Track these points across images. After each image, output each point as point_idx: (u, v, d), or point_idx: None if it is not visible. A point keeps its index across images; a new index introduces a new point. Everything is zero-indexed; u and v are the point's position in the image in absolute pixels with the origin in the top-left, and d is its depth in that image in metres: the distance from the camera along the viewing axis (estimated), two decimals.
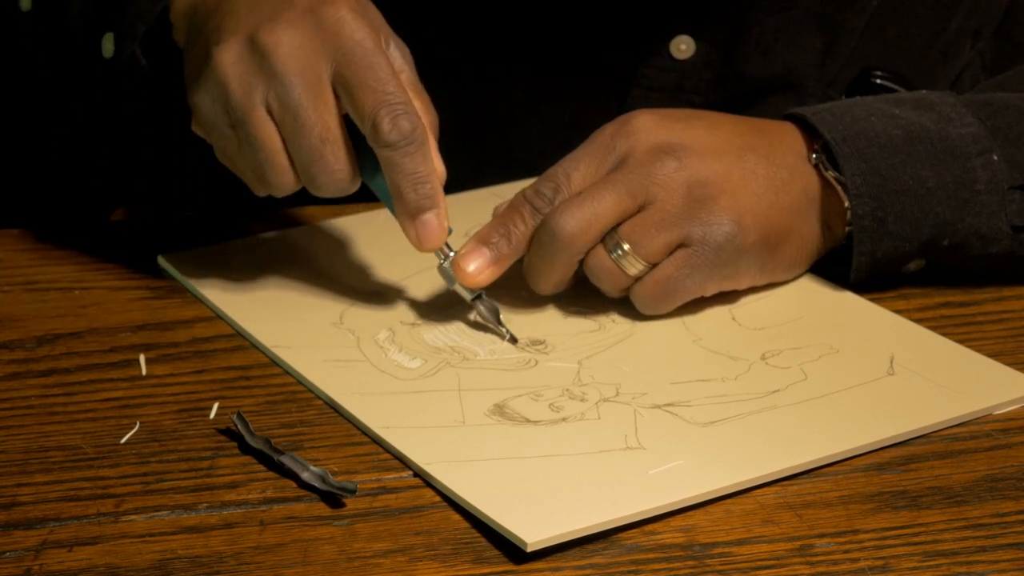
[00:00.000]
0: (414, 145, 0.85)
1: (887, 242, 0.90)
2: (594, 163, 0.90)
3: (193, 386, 0.84)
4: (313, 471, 0.75)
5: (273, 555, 0.70)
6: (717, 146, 0.90)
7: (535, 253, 0.89)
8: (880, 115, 0.92)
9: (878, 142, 0.90)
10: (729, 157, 0.90)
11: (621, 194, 0.88)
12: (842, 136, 0.91)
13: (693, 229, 0.88)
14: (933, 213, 0.90)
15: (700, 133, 0.90)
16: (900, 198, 0.90)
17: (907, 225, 0.90)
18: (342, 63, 0.84)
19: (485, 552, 0.70)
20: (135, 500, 0.74)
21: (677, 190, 0.88)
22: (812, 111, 0.93)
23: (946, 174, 0.90)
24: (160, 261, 0.97)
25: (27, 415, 0.81)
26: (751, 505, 0.74)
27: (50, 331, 0.89)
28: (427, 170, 0.86)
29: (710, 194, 0.88)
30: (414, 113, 0.85)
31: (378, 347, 0.87)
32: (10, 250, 0.99)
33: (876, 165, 0.90)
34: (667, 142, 0.89)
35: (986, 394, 0.82)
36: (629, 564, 0.70)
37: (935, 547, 0.71)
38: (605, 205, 0.87)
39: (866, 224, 0.90)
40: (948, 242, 0.91)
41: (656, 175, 0.88)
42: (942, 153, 0.91)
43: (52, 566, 0.69)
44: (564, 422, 0.79)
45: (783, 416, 0.80)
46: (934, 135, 0.91)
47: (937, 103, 0.93)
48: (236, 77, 0.84)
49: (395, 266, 0.95)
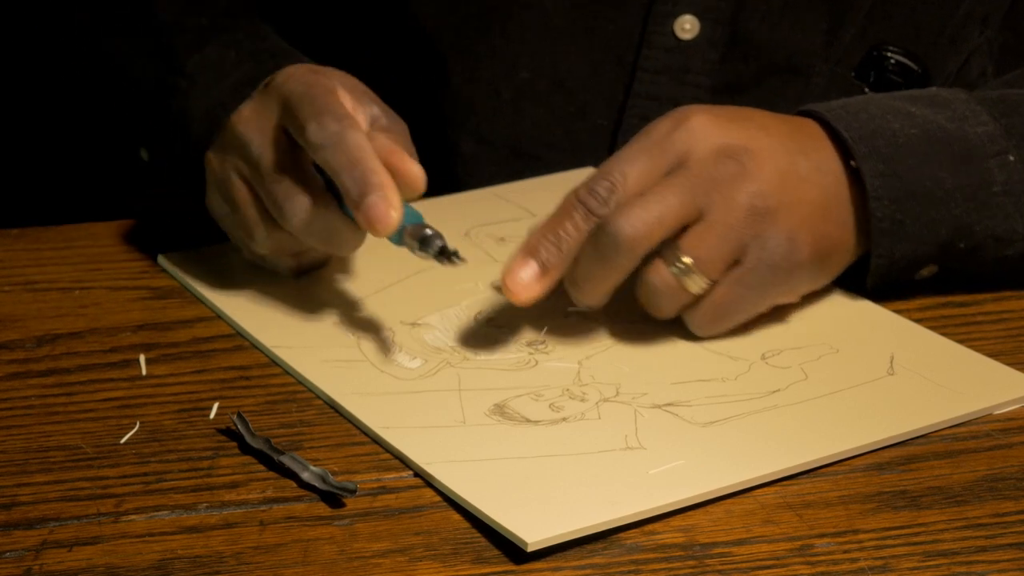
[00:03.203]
0: (347, 141, 0.84)
1: (905, 245, 0.89)
2: (651, 161, 0.85)
3: (193, 386, 0.84)
4: (313, 471, 0.75)
5: (273, 555, 0.70)
6: (772, 150, 0.86)
7: (590, 259, 0.84)
8: (896, 113, 0.90)
9: (895, 142, 0.89)
10: (784, 162, 0.86)
11: (685, 198, 0.83)
12: (859, 135, 0.88)
13: (751, 246, 0.84)
14: (950, 215, 0.89)
15: (756, 135, 0.87)
16: (918, 200, 0.88)
17: (925, 227, 0.89)
18: (285, 103, 0.88)
19: (485, 552, 0.70)
20: (135, 500, 0.74)
21: (739, 200, 0.84)
22: (827, 108, 0.90)
23: (963, 175, 0.89)
24: (160, 261, 0.97)
25: (27, 415, 0.81)
26: (751, 505, 0.74)
27: (50, 331, 0.89)
28: (361, 157, 0.84)
29: (770, 207, 0.85)
30: (345, 116, 0.85)
31: (378, 347, 0.87)
32: (10, 250, 0.99)
33: (895, 166, 0.88)
34: (728, 144, 0.85)
35: (986, 394, 0.82)
36: (629, 564, 0.70)
37: (935, 547, 0.71)
38: (670, 209, 0.83)
39: (885, 227, 0.88)
40: (964, 244, 0.90)
41: (719, 180, 0.84)
42: (958, 153, 0.89)
43: (52, 566, 0.69)
44: (564, 422, 0.79)
45: (783, 416, 0.80)
46: (951, 135, 0.90)
47: (951, 100, 0.92)
48: (215, 160, 0.92)
49: (395, 266, 0.95)
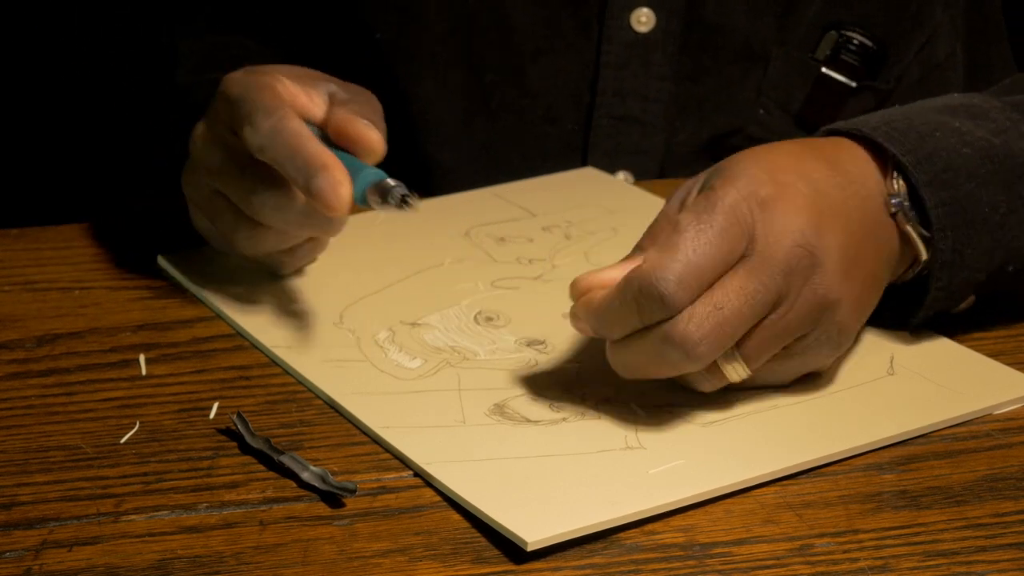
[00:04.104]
0: (282, 132, 0.83)
1: (963, 274, 0.84)
2: (718, 254, 0.76)
3: (193, 386, 0.84)
4: (313, 471, 0.75)
5: (273, 555, 0.70)
6: (830, 223, 0.78)
7: (647, 356, 0.77)
8: (945, 131, 0.84)
9: (952, 166, 0.83)
10: (841, 236, 0.79)
11: (757, 309, 0.76)
12: (916, 159, 0.82)
13: (808, 337, 0.79)
14: (1007, 239, 0.85)
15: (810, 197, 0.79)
16: (978, 228, 0.83)
17: (984, 255, 0.84)
18: (228, 108, 0.88)
19: (485, 552, 0.70)
20: (135, 500, 0.74)
21: (806, 296, 0.78)
22: (872, 128, 0.84)
23: (1015, 198, 0.85)
24: (160, 261, 0.97)
25: (27, 415, 0.81)
26: (751, 505, 0.74)
27: (50, 331, 0.89)
28: (299, 144, 0.83)
29: (833, 301, 0.78)
30: (277, 108, 0.84)
31: (378, 347, 0.87)
32: (10, 250, 0.99)
33: (956, 194, 0.83)
34: (804, 242, 0.77)
35: (986, 394, 0.82)
36: (629, 564, 0.70)
37: (935, 547, 0.71)
38: (743, 321, 0.76)
39: (946, 259, 0.83)
40: (1013, 267, 0.86)
41: (792, 282, 0.77)
42: (1007, 173, 0.85)
43: (52, 566, 0.69)
44: (564, 422, 0.79)
45: (783, 416, 0.80)
46: (1000, 153, 0.85)
47: (987, 110, 0.87)
48: (189, 182, 0.92)
49: (395, 266, 0.95)
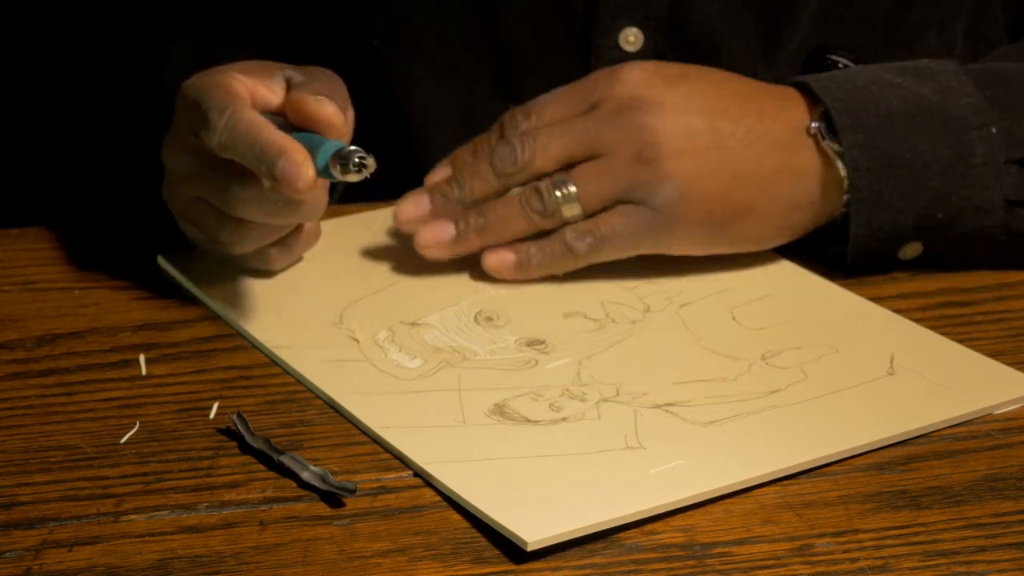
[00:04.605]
0: (235, 126, 0.84)
1: (883, 215, 0.91)
2: (570, 102, 0.92)
3: (193, 386, 0.84)
4: (313, 471, 0.75)
5: (273, 555, 0.70)
6: (695, 107, 0.91)
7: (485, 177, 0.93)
8: (880, 84, 0.93)
9: (877, 112, 0.91)
10: (702, 121, 0.91)
11: (584, 137, 0.90)
12: (844, 106, 0.91)
13: (635, 189, 0.90)
14: (928, 186, 0.91)
15: (685, 91, 0.91)
16: (897, 171, 0.91)
17: (903, 198, 0.91)
18: (185, 112, 0.88)
19: (485, 552, 0.70)
20: (135, 500, 0.74)
21: (627, 146, 0.90)
22: (815, 79, 0.93)
23: (942, 147, 0.91)
24: (160, 261, 0.97)
25: (27, 415, 0.81)
26: (751, 505, 0.74)
27: (50, 331, 0.89)
28: (254, 134, 0.83)
29: (657, 156, 0.89)
30: (228, 102, 0.85)
31: (378, 347, 0.87)
32: (10, 250, 0.99)
33: (874, 138, 0.91)
34: (641, 96, 0.91)
35: (986, 394, 0.82)
36: (629, 564, 0.70)
37: (935, 547, 0.71)
38: (553, 146, 0.91)
39: (863, 196, 0.91)
40: (942, 215, 0.92)
41: (610, 131, 0.90)
42: (939, 125, 0.91)
43: (52, 566, 0.69)
44: (564, 422, 0.79)
45: (783, 416, 0.80)
46: (933, 106, 0.92)
47: (938, 72, 0.94)
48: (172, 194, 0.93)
49: (395, 266, 0.95)
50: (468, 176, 0.93)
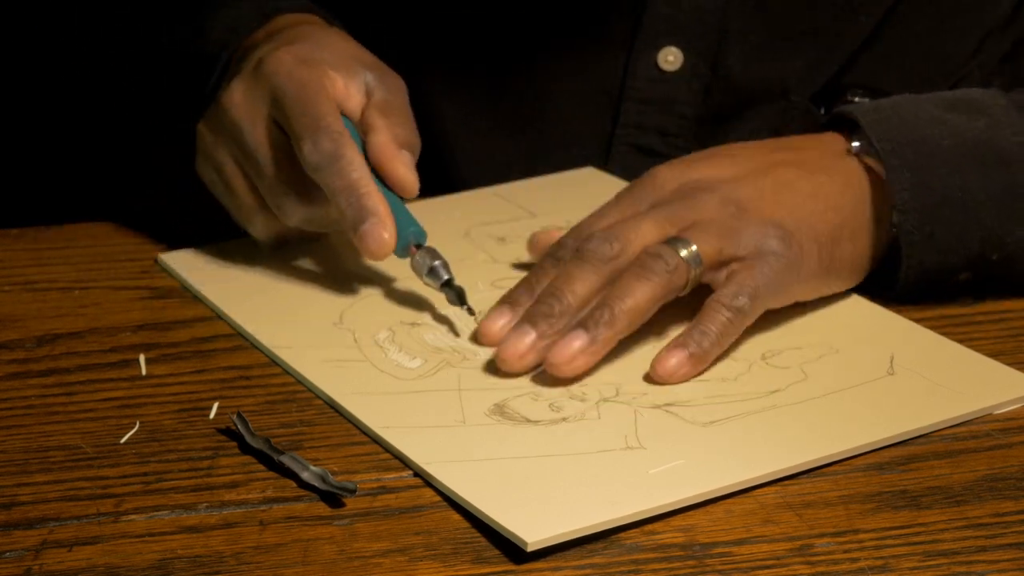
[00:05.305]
0: (342, 162, 0.86)
1: (935, 256, 0.89)
2: (627, 209, 0.88)
3: (193, 386, 0.84)
4: (313, 471, 0.75)
5: (273, 555, 0.70)
6: (742, 172, 0.89)
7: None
8: (929, 120, 0.90)
9: (926, 151, 0.89)
10: (757, 176, 0.88)
11: (660, 221, 0.86)
12: (891, 146, 0.89)
13: (743, 241, 0.85)
14: (981, 225, 0.89)
15: (722, 163, 0.89)
16: (947, 210, 0.88)
17: (955, 238, 0.89)
18: (276, 99, 0.89)
19: (485, 552, 0.70)
20: (135, 500, 0.74)
21: (717, 212, 0.86)
22: (860, 112, 0.91)
23: (995, 185, 0.89)
24: (160, 261, 0.97)
25: (27, 415, 0.81)
26: (751, 505, 0.74)
27: (50, 331, 0.89)
28: (356, 181, 0.86)
29: (748, 209, 0.86)
30: (340, 133, 0.87)
31: (378, 347, 0.87)
32: (10, 250, 0.99)
33: (924, 177, 0.88)
34: (692, 179, 0.88)
35: (986, 394, 0.82)
36: (629, 564, 0.70)
37: (935, 547, 0.71)
38: (644, 228, 0.85)
39: (915, 239, 0.89)
40: (996, 256, 0.90)
41: (693, 206, 0.86)
42: (992, 163, 0.89)
43: (52, 566, 0.69)
44: (564, 422, 0.79)
45: (783, 416, 0.80)
46: (984, 144, 0.90)
47: (989, 106, 0.92)
48: (209, 136, 0.94)
49: (395, 266, 0.95)
50: (563, 285, 0.84)
